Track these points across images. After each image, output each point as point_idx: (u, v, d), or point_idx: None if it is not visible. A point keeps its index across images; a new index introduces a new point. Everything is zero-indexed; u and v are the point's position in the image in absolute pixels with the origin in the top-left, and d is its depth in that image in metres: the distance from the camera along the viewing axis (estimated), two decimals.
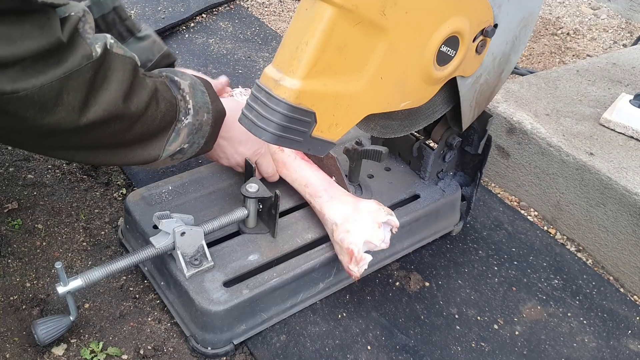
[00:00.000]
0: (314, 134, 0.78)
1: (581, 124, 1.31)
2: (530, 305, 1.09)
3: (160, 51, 1.09)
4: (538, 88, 1.44)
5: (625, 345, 1.04)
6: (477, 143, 1.10)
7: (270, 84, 0.75)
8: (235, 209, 0.98)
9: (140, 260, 0.91)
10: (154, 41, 1.09)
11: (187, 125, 0.89)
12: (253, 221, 1.01)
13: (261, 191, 0.96)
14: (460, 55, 0.86)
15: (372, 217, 0.95)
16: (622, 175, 1.16)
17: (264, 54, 1.79)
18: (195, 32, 1.86)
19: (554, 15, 2.25)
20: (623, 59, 1.60)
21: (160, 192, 1.07)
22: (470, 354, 0.99)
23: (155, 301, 1.02)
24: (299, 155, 1.07)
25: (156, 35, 1.11)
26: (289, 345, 0.96)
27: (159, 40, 1.10)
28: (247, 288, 0.93)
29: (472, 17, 0.83)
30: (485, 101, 1.02)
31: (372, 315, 1.03)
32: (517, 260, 1.18)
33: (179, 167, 1.30)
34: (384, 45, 0.76)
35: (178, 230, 0.89)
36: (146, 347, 0.94)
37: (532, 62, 1.94)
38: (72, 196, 1.21)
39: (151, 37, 1.09)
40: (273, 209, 0.97)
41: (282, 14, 2.08)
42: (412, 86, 0.85)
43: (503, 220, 1.28)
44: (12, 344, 0.92)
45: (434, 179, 1.17)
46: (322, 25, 0.71)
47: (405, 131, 0.97)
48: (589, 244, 1.24)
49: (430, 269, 1.14)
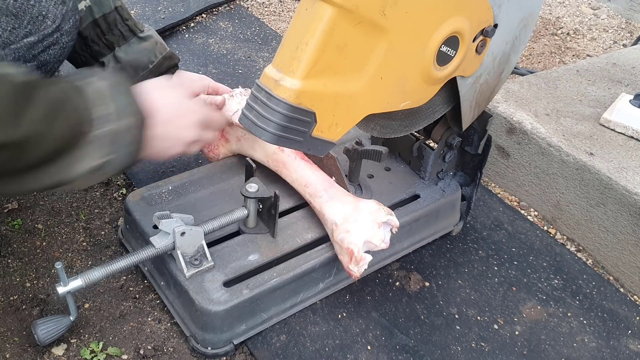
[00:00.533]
0: (314, 134, 0.78)
1: (581, 124, 1.31)
2: (530, 305, 1.09)
3: (163, 52, 1.08)
4: (538, 88, 1.44)
5: (625, 345, 1.04)
6: (477, 143, 1.10)
7: (270, 84, 0.75)
8: (235, 209, 0.98)
9: (141, 260, 0.91)
10: (156, 42, 1.09)
11: (104, 134, 0.75)
12: (253, 221, 1.01)
13: (261, 191, 0.96)
14: (460, 55, 0.86)
15: (372, 217, 0.95)
16: (622, 175, 1.16)
17: (264, 54, 1.79)
18: (195, 32, 1.86)
19: (554, 15, 2.25)
20: (623, 59, 1.60)
21: (160, 192, 1.07)
22: (470, 354, 0.99)
23: (155, 301, 1.02)
24: (299, 155, 1.07)
25: (158, 37, 1.10)
26: (289, 345, 0.96)
27: (162, 42, 1.10)
28: (247, 288, 0.93)
29: (472, 17, 0.83)
30: (485, 101, 1.02)
31: (372, 315, 1.03)
32: (517, 260, 1.18)
33: (179, 167, 1.30)
34: (384, 45, 0.76)
35: (178, 230, 0.89)
36: (146, 347, 0.94)
37: (532, 62, 1.94)
38: (72, 196, 1.21)
39: (153, 38, 1.09)
40: (273, 209, 0.97)
41: (282, 14, 2.08)
42: (412, 86, 0.85)
43: (503, 220, 1.28)
44: (12, 344, 0.93)
45: (434, 179, 1.17)
46: (322, 25, 0.71)
47: (405, 131, 0.97)
48: (589, 244, 1.24)
49: (430, 269, 1.14)
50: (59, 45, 0.90)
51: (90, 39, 1.03)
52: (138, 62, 1.06)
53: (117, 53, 1.05)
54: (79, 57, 1.07)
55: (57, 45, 0.90)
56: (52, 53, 0.90)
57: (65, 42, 0.92)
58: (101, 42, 1.04)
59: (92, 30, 1.02)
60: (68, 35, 0.91)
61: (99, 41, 1.04)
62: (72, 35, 0.92)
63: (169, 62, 1.10)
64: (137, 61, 1.06)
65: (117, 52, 1.05)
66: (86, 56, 1.06)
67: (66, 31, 0.90)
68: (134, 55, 1.06)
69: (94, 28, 1.02)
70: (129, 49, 1.05)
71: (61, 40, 0.90)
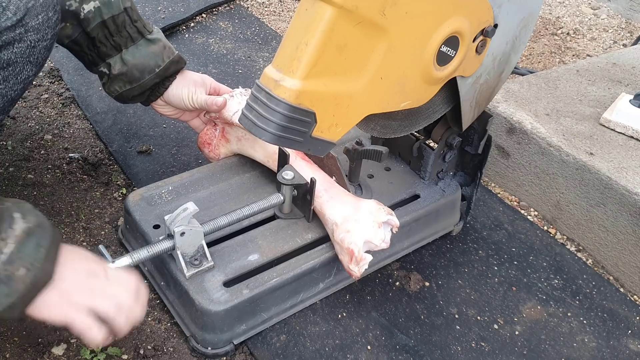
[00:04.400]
0: (314, 134, 0.79)
1: (581, 124, 1.31)
2: (530, 305, 1.09)
3: (170, 57, 1.07)
4: (538, 88, 1.44)
5: (625, 345, 1.04)
6: (477, 143, 1.10)
7: (270, 84, 0.75)
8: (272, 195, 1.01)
9: None
10: (164, 46, 1.07)
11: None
12: (288, 207, 1.04)
13: (297, 178, 0.99)
14: (460, 55, 0.86)
15: (372, 217, 0.95)
16: (622, 175, 1.16)
17: (264, 54, 1.79)
18: (195, 32, 1.86)
19: (554, 15, 2.25)
20: (623, 59, 1.60)
21: (160, 192, 1.07)
22: (470, 353, 0.99)
23: (155, 301, 1.02)
24: (299, 155, 1.07)
25: (166, 40, 1.09)
26: (289, 345, 0.96)
27: (170, 45, 1.09)
28: (247, 288, 0.93)
29: (472, 17, 0.83)
30: (485, 101, 1.02)
31: (372, 315, 1.03)
32: (517, 260, 1.18)
33: (179, 167, 1.30)
34: (384, 45, 0.76)
35: (178, 230, 0.89)
36: (146, 347, 0.94)
37: (532, 62, 1.94)
38: (72, 196, 1.21)
39: (162, 42, 1.08)
40: (308, 195, 1.00)
41: (282, 14, 2.08)
42: (412, 86, 0.85)
43: (503, 220, 1.28)
44: (12, 344, 0.93)
45: (434, 179, 1.17)
46: (322, 25, 0.71)
47: (405, 131, 0.97)
48: (589, 244, 1.24)
49: (430, 269, 1.14)
50: (24, 43, 0.82)
51: (97, 40, 1.02)
52: (144, 65, 1.05)
53: (124, 55, 1.04)
54: (86, 57, 1.06)
55: (22, 43, 0.82)
56: (17, 52, 0.82)
57: (34, 41, 0.83)
58: (109, 44, 1.03)
59: (100, 31, 1.01)
60: (37, 33, 0.83)
61: (106, 42, 1.03)
62: (42, 34, 0.84)
63: (176, 66, 1.09)
64: (143, 65, 1.05)
65: (124, 55, 1.04)
66: (93, 56, 1.05)
67: (33, 28, 0.82)
68: (141, 59, 1.05)
69: (102, 29, 1.01)
70: (137, 52, 1.05)
71: (27, 38, 0.82)
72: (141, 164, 1.31)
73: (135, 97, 1.09)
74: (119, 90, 1.07)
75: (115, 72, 1.05)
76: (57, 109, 1.47)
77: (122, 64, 1.04)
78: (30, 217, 0.73)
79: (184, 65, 1.11)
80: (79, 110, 1.47)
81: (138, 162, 1.31)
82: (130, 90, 1.07)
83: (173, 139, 1.39)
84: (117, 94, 1.08)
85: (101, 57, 1.05)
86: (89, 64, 1.08)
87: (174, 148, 1.36)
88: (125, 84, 1.06)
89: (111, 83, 1.07)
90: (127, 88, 1.07)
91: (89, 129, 1.41)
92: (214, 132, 1.17)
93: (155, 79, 1.06)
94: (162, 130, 1.41)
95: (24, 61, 0.84)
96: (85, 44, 1.03)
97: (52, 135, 1.37)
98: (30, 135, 1.36)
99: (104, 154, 1.34)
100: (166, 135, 1.40)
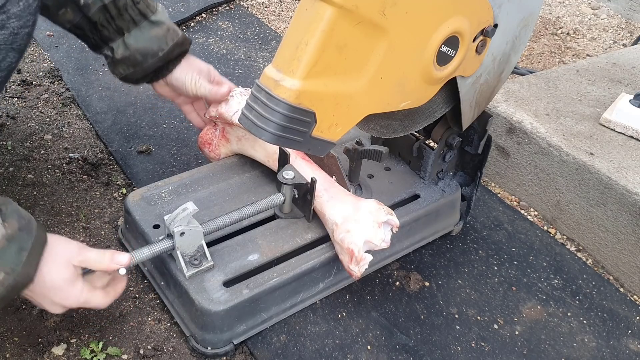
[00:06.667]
0: (314, 134, 0.78)
1: (581, 124, 1.31)
2: (530, 305, 1.09)
3: (174, 39, 1.05)
4: (538, 88, 1.44)
5: (625, 345, 1.04)
6: (477, 143, 1.10)
7: (270, 84, 0.75)
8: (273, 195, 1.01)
9: None
10: (168, 29, 1.06)
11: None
12: (288, 207, 1.04)
13: (297, 178, 0.99)
14: (460, 55, 0.86)
15: (372, 216, 0.95)
16: (622, 175, 1.16)
17: (264, 54, 1.79)
18: (195, 32, 1.86)
19: (554, 15, 2.25)
20: (623, 59, 1.60)
21: (160, 192, 1.07)
22: (470, 353, 0.99)
23: (155, 301, 1.02)
24: (299, 155, 1.07)
25: (170, 21, 1.07)
26: (289, 345, 0.96)
27: (174, 27, 1.07)
28: (247, 288, 0.93)
29: (472, 17, 0.83)
30: (485, 101, 1.02)
31: (372, 315, 1.03)
32: (517, 260, 1.18)
33: (179, 167, 1.30)
34: (384, 45, 0.76)
35: (177, 230, 0.89)
36: (146, 347, 0.94)
37: (532, 62, 1.94)
38: (72, 196, 1.21)
39: (165, 24, 1.06)
40: (309, 195, 1.00)
41: (282, 14, 2.08)
42: (412, 86, 0.85)
43: (503, 220, 1.28)
44: (12, 344, 0.93)
45: (434, 179, 1.17)
46: (322, 25, 0.71)
47: (405, 131, 0.97)
48: (589, 244, 1.24)
49: (430, 268, 1.14)
50: (7, 30, 0.82)
51: (99, 24, 1.00)
52: (148, 49, 1.03)
53: (127, 40, 1.03)
54: (89, 40, 1.05)
55: (4, 30, 0.82)
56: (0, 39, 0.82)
57: (16, 28, 0.83)
58: (111, 28, 1.02)
59: (101, 15, 1.00)
60: (19, 20, 0.82)
61: (108, 26, 1.01)
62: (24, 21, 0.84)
63: (180, 48, 1.07)
64: (146, 49, 1.03)
65: (126, 39, 1.03)
66: (96, 39, 1.04)
67: (15, 14, 0.81)
68: (144, 42, 1.03)
69: (103, 13, 1.00)
70: (140, 36, 1.03)
71: (9, 25, 0.82)
72: (141, 163, 1.31)
73: (139, 79, 1.10)
74: (122, 73, 1.08)
75: (118, 57, 1.05)
76: (57, 109, 1.47)
77: (125, 48, 1.03)
78: (12, 221, 0.74)
79: (188, 46, 1.09)
80: (79, 110, 1.47)
81: (138, 162, 1.31)
82: (134, 73, 1.07)
83: (173, 139, 1.39)
84: (122, 76, 1.09)
85: (104, 41, 1.04)
86: (93, 47, 1.08)
87: (174, 148, 1.36)
88: (129, 67, 1.06)
89: (115, 66, 1.07)
90: (131, 71, 1.07)
91: (89, 128, 1.41)
92: (214, 132, 1.17)
93: (159, 63, 1.06)
94: (162, 130, 1.41)
95: (7, 48, 0.84)
96: (88, 27, 1.03)
97: (52, 135, 1.37)
98: (30, 135, 1.36)
99: (103, 153, 1.34)
100: (166, 135, 1.40)
